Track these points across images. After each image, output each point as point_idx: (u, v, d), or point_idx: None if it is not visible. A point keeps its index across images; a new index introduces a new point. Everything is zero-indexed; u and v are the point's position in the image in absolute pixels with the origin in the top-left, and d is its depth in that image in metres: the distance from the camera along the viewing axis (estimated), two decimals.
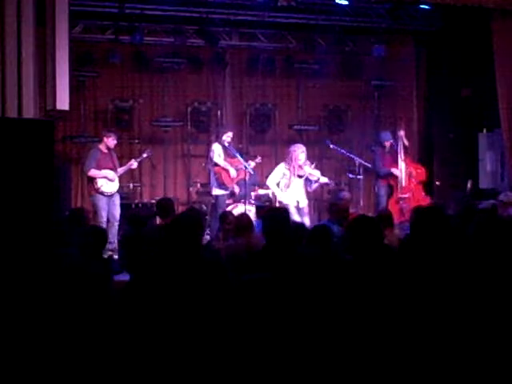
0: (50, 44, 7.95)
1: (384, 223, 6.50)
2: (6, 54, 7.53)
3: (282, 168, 9.59)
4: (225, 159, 9.96)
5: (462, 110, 11.67)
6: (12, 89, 7.55)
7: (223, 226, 7.17)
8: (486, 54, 10.42)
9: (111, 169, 9.52)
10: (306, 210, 9.68)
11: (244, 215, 7.03)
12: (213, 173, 10.05)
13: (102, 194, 9.38)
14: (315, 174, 9.56)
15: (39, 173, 7.08)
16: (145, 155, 10.27)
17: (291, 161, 9.43)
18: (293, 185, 9.46)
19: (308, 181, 9.57)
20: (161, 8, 10.67)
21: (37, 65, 7.84)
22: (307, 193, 9.69)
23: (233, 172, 9.90)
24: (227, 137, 10.02)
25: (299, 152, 9.42)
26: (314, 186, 9.70)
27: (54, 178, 7.42)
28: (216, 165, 9.95)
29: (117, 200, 9.52)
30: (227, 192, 10.02)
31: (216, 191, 10.00)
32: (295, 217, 9.04)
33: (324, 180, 9.70)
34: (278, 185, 9.53)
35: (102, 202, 9.36)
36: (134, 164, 9.95)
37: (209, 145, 11.39)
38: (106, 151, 9.59)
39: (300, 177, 9.49)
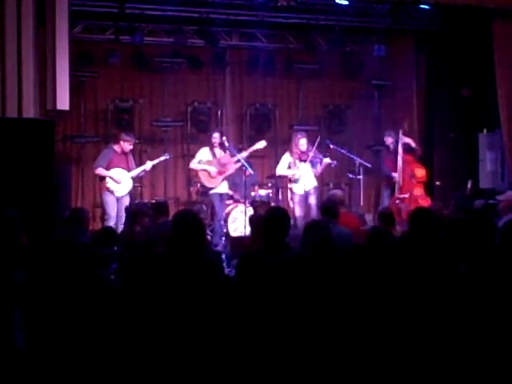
0: (50, 44, 7.96)
1: (386, 222, 6.53)
2: (5, 54, 7.53)
3: (286, 157, 10.07)
4: (214, 160, 10.02)
5: (462, 110, 11.66)
6: (12, 89, 7.55)
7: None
8: (486, 53, 10.42)
9: (123, 169, 9.52)
10: (313, 191, 9.94)
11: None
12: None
13: (111, 192, 9.42)
14: (318, 156, 9.98)
15: (39, 173, 7.08)
16: (162, 158, 10.20)
17: (293, 148, 9.99)
18: (300, 169, 9.88)
19: (313, 164, 9.96)
20: (161, 8, 10.66)
21: (37, 65, 7.84)
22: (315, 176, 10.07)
23: (213, 170, 9.95)
24: (213, 138, 10.08)
25: (298, 138, 9.98)
26: (319, 168, 10.01)
27: (54, 177, 7.43)
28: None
29: (126, 202, 9.50)
30: (214, 192, 10.00)
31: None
32: (296, 209, 9.78)
33: (327, 161, 9.95)
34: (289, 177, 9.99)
35: (110, 200, 9.43)
36: (148, 166, 9.93)
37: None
38: (119, 152, 9.59)
39: (304, 161, 9.88)
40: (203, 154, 10.15)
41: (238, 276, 4.49)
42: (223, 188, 10.13)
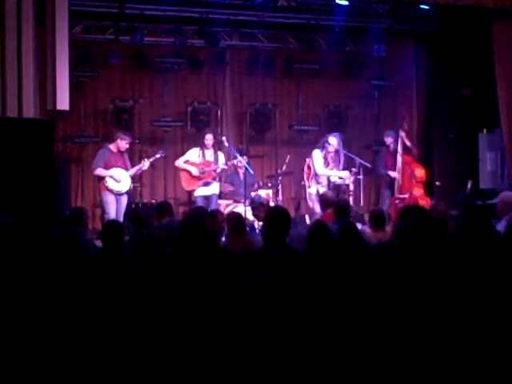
0: (50, 44, 7.97)
1: (374, 224, 6.32)
2: (6, 54, 7.55)
3: (317, 153, 9.92)
4: (200, 163, 10.03)
5: (462, 110, 11.65)
6: (12, 89, 7.56)
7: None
8: (486, 53, 10.41)
9: (121, 168, 9.52)
10: None
11: (237, 214, 6.91)
12: None
13: (110, 191, 9.40)
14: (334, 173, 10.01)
15: (39, 173, 7.10)
16: (158, 155, 10.12)
17: (323, 148, 9.90)
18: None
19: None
20: (161, 8, 10.66)
21: (37, 65, 7.86)
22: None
23: (194, 171, 9.97)
24: (205, 139, 10.07)
25: (329, 140, 9.85)
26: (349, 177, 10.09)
27: (54, 177, 7.45)
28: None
29: (124, 201, 9.51)
30: (199, 195, 10.00)
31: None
32: (316, 206, 9.61)
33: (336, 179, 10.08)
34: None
35: (109, 199, 9.40)
36: (145, 164, 9.85)
37: None
38: (116, 151, 9.57)
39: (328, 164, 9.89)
40: (192, 154, 10.13)
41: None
42: (210, 189, 10.09)
